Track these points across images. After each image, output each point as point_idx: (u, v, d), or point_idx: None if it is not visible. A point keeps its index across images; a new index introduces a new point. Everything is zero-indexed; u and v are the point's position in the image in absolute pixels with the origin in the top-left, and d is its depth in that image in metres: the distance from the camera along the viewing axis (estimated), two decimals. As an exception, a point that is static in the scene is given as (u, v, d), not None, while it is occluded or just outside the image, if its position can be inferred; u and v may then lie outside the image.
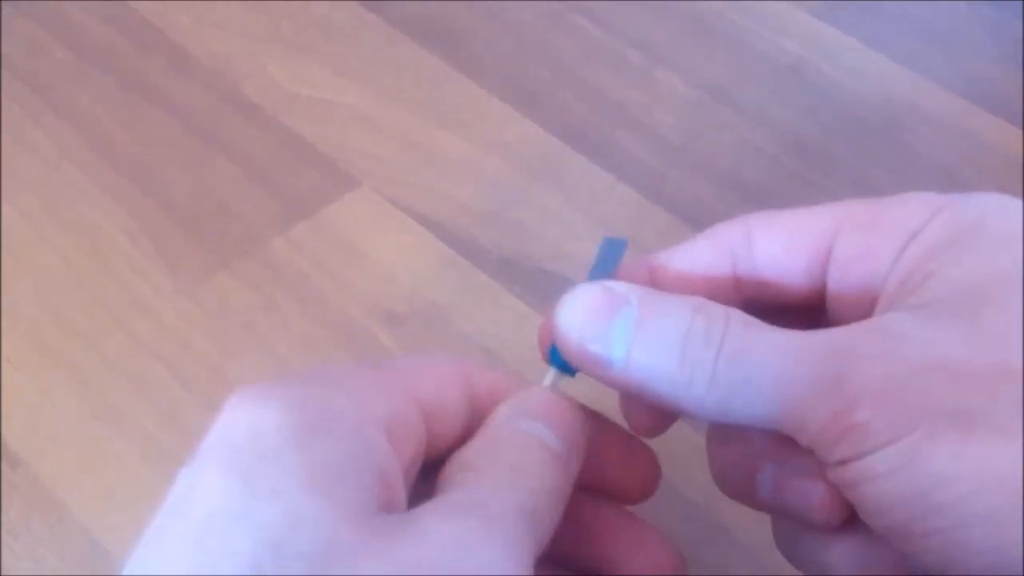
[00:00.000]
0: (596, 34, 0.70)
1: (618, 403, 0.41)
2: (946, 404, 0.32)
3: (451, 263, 0.59)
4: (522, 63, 0.69)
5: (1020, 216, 0.35)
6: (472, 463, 0.34)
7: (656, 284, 0.40)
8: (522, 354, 0.55)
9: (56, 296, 0.57)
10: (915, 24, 0.71)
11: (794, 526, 0.39)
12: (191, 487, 0.31)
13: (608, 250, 0.40)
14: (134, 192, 0.62)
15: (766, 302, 0.40)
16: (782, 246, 0.39)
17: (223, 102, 0.66)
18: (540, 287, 0.58)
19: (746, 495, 0.39)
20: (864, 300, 0.37)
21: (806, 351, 0.34)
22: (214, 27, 0.71)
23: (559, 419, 0.36)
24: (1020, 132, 0.65)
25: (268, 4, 0.72)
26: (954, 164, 0.64)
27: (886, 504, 0.33)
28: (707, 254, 0.40)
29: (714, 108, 0.66)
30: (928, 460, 0.32)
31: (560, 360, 0.38)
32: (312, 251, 0.59)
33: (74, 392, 0.54)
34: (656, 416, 0.40)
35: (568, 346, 0.37)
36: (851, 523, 0.37)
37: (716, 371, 0.34)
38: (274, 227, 0.60)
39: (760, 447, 0.38)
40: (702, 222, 0.58)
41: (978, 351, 0.33)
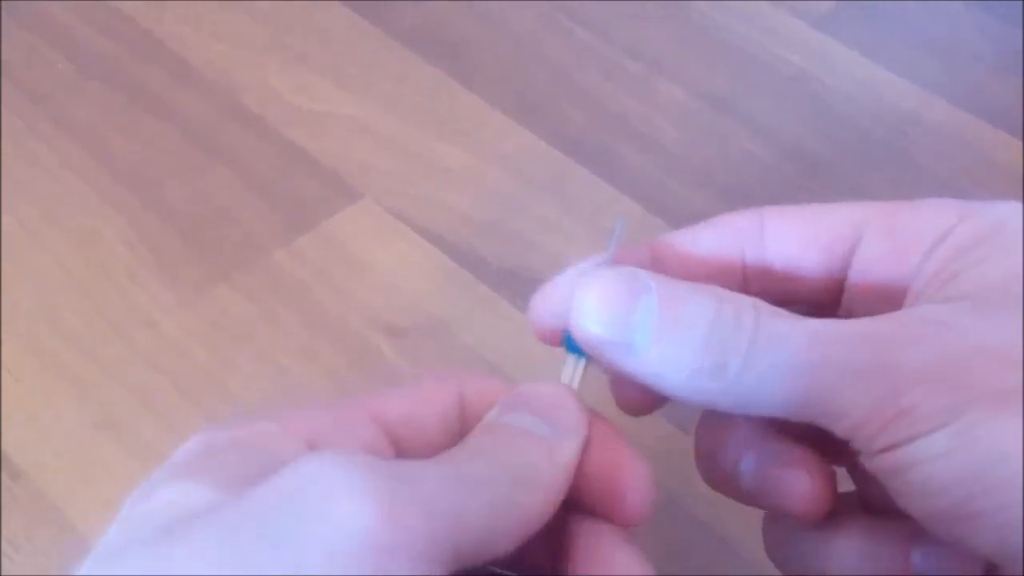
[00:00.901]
0: (597, 45, 0.70)
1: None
2: (996, 385, 0.32)
3: (452, 275, 0.59)
4: (523, 74, 0.69)
5: None
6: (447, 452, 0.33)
7: (657, 265, 0.39)
8: (523, 365, 0.55)
9: (56, 306, 0.57)
10: (916, 36, 0.71)
11: (785, 526, 0.39)
12: None
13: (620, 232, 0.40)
14: (134, 202, 0.62)
15: (774, 293, 0.39)
16: (798, 239, 0.39)
17: (224, 113, 0.66)
18: (541, 298, 0.57)
19: (728, 485, 0.39)
20: (887, 297, 0.37)
21: (847, 337, 0.33)
22: (215, 38, 0.71)
23: (548, 405, 0.35)
24: (1021, 144, 0.65)
25: (269, 15, 0.72)
26: (955, 175, 0.64)
27: (939, 486, 0.32)
28: (713, 240, 0.39)
29: (715, 119, 0.66)
30: (983, 439, 0.31)
31: (574, 344, 0.37)
32: (313, 262, 0.59)
33: (74, 402, 0.54)
34: (647, 395, 0.39)
35: (585, 334, 0.36)
36: (846, 521, 0.37)
37: (749, 356, 0.33)
38: (275, 238, 0.60)
39: (745, 434, 0.38)
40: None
41: (1019, 337, 0.32)
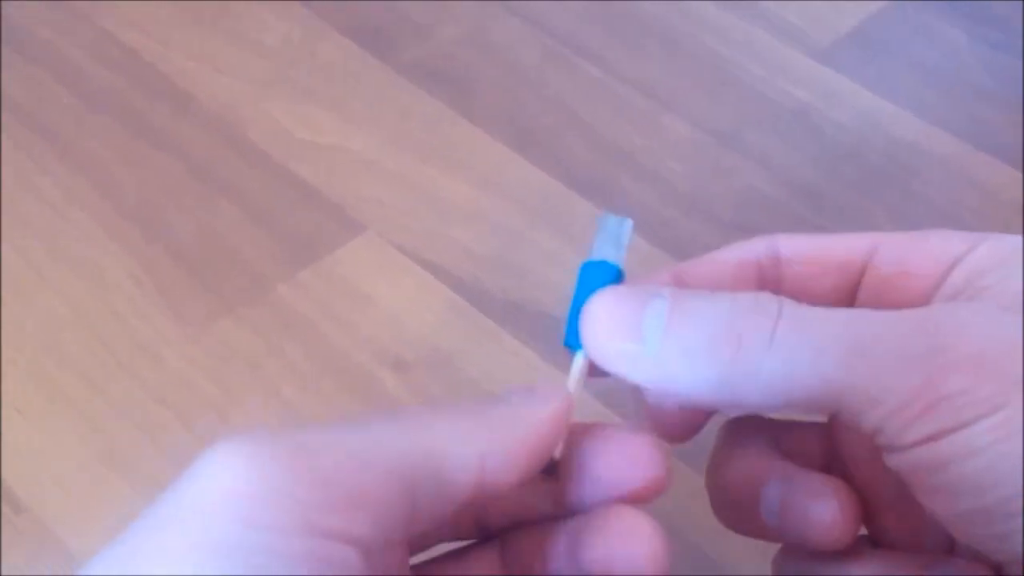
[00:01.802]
0: (601, 79, 0.71)
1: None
2: None
3: (457, 308, 0.59)
4: (527, 108, 0.69)
5: None
6: None
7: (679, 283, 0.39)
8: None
9: (60, 340, 0.57)
10: (920, 69, 0.71)
11: (799, 559, 0.39)
12: None
13: (608, 226, 0.39)
14: (139, 237, 0.62)
15: None
16: (809, 263, 0.39)
17: (228, 147, 0.66)
18: (546, 332, 0.57)
19: (749, 520, 0.38)
20: None
21: (884, 320, 0.33)
22: (220, 72, 0.71)
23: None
24: (1023, 177, 0.65)
25: (273, 50, 0.72)
26: (959, 209, 0.64)
27: (988, 480, 0.31)
28: (732, 265, 0.39)
29: (720, 153, 0.66)
30: None
31: (574, 341, 0.37)
32: (317, 296, 0.59)
33: (78, 436, 0.53)
34: (685, 417, 0.39)
35: (596, 346, 0.35)
36: (861, 553, 0.37)
37: (776, 337, 0.32)
38: (279, 272, 0.60)
39: (765, 464, 0.38)
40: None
41: None
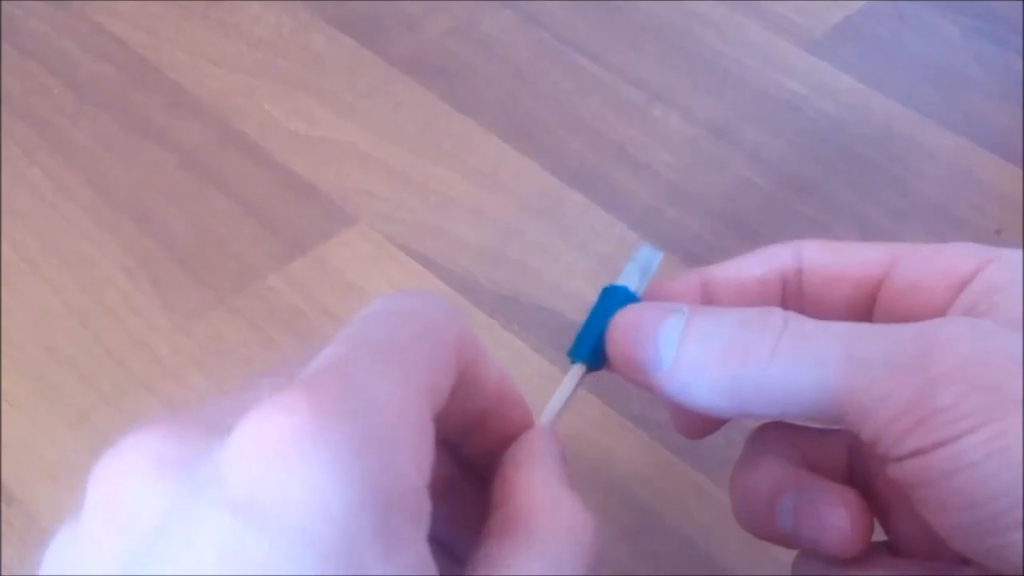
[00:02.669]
0: (594, 72, 0.70)
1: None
2: None
3: (448, 300, 0.59)
4: (520, 100, 0.69)
5: None
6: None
7: (706, 293, 0.40)
8: (521, 392, 0.54)
9: (53, 332, 0.57)
10: (914, 62, 0.71)
11: (817, 563, 0.39)
12: None
13: (642, 258, 0.41)
14: (131, 229, 0.61)
15: None
16: (830, 272, 0.39)
17: (220, 139, 0.66)
18: (538, 325, 0.57)
19: (765, 526, 0.39)
20: None
21: (882, 334, 0.34)
22: (212, 64, 0.71)
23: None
24: (1019, 170, 0.65)
25: (265, 41, 0.72)
26: (952, 202, 0.64)
27: (980, 495, 0.31)
28: (759, 271, 0.40)
29: (713, 145, 0.66)
30: (1021, 446, 0.31)
31: (580, 352, 0.38)
32: (309, 288, 0.59)
33: (71, 429, 0.53)
34: (701, 417, 0.40)
35: (616, 357, 0.37)
36: (876, 561, 0.37)
37: (777, 350, 0.34)
38: (271, 264, 0.60)
39: (783, 473, 0.38)
40: (701, 260, 0.58)
41: None
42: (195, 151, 0.66)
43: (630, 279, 0.40)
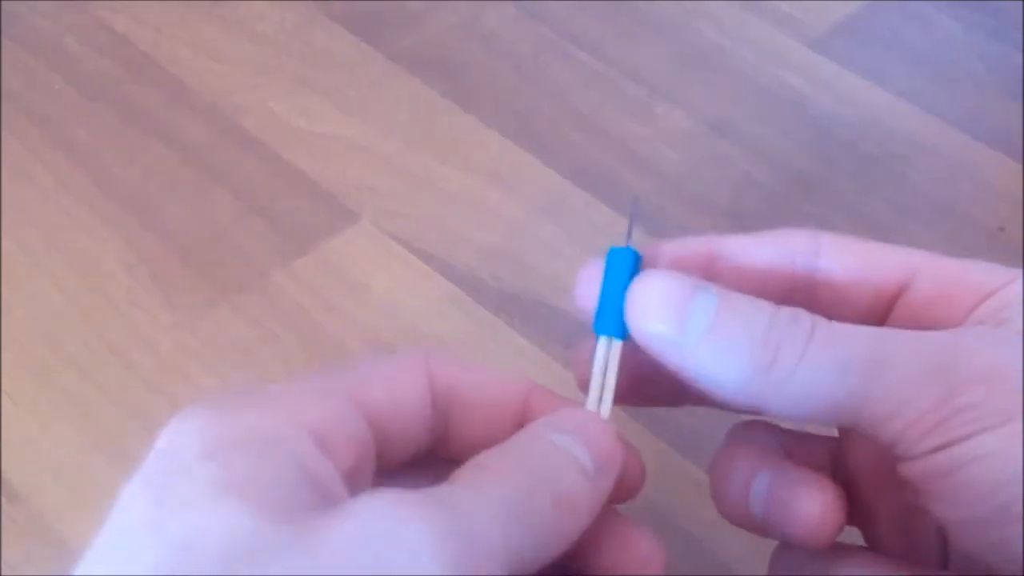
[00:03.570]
0: (596, 68, 0.70)
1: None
2: None
3: (451, 298, 0.59)
4: (522, 96, 0.69)
5: None
6: (484, 462, 0.33)
7: (712, 264, 0.40)
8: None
9: (55, 329, 0.57)
10: (916, 58, 0.71)
11: (795, 558, 0.39)
12: (113, 508, 0.31)
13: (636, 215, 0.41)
14: (133, 225, 0.61)
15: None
16: (850, 271, 0.39)
17: (222, 135, 0.66)
18: (541, 322, 0.57)
19: (740, 508, 0.39)
20: None
21: (908, 339, 0.34)
22: (214, 60, 0.71)
23: (593, 438, 0.35)
24: (1020, 167, 0.65)
25: (268, 38, 0.72)
26: (953, 198, 0.64)
27: (992, 484, 0.32)
28: (770, 255, 0.40)
29: (715, 142, 0.66)
30: None
31: (610, 326, 0.38)
32: (312, 285, 0.59)
33: (73, 425, 0.53)
34: (664, 390, 0.40)
35: (640, 326, 0.37)
36: (858, 551, 0.38)
37: (808, 352, 0.34)
38: (274, 261, 0.60)
39: (762, 456, 0.38)
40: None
41: None
42: (198, 147, 0.66)
43: (634, 239, 0.39)
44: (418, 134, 0.67)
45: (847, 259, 0.40)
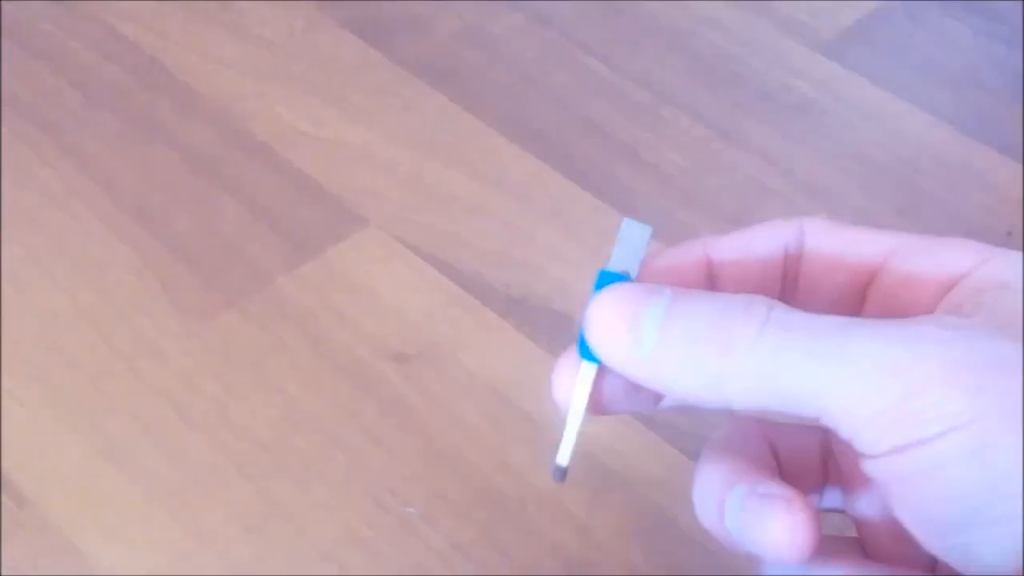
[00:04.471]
0: (602, 73, 0.70)
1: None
2: (1018, 392, 0.31)
3: (458, 302, 0.59)
4: (529, 102, 0.69)
5: None
6: None
7: (712, 269, 0.40)
8: (529, 392, 0.55)
9: (62, 334, 0.57)
10: (923, 63, 0.71)
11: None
12: None
13: (630, 235, 0.40)
14: (140, 231, 0.61)
15: (799, 304, 0.40)
16: (830, 254, 0.39)
17: (230, 141, 0.66)
18: (548, 326, 0.57)
19: (716, 523, 0.38)
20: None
21: (865, 331, 0.33)
22: (221, 66, 0.71)
23: None
24: (1028, 172, 0.65)
25: (274, 43, 0.72)
26: (962, 203, 0.63)
27: (950, 494, 0.32)
28: (764, 247, 0.40)
29: (721, 147, 0.66)
30: (1001, 445, 0.31)
31: (588, 351, 0.37)
32: (319, 290, 0.59)
33: (80, 431, 0.53)
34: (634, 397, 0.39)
35: (595, 339, 0.36)
36: (846, 552, 0.38)
37: (760, 341, 0.33)
38: (281, 266, 0.60)
39: (737, 469, 0.38)
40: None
41: None
42: (204, 153, 0.66)
43: (621, 261, 0.38)
44: (425, 140, 0.67)
45: (827, 242, 0.39)
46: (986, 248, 0.38)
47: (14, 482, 0.51)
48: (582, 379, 0.38)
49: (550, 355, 0.56)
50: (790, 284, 0.40)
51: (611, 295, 0.36)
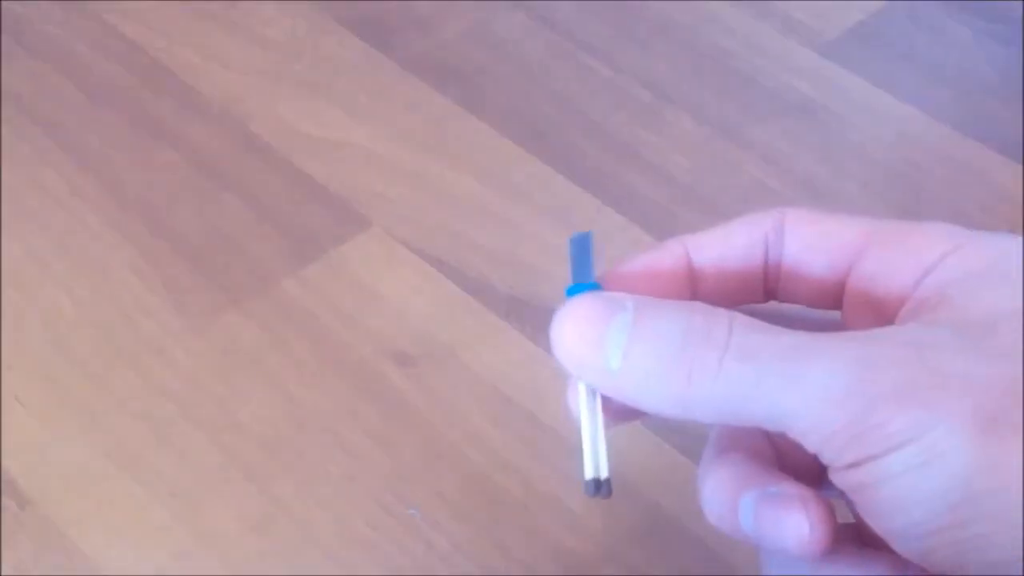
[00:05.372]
0: (606, 74, 0.70)
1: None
2: (966, 407, 0.32)
3: (462, 303, 0.59)
4: (532, 103, 0.69)
5: None
6: None
7: (693, 267, 0.40)
8: (533, 393, 0.55)
9: (65, 335, 0.57)
10: (924, 64, 0.71)
11: (782, 557, 0.39)
12: None
13: (578, 248, 0.40)
14: (143, 231, 0.62)
15: (783, 292, 0.41)
16: (808, 242, 0.40)
17: (233, 141, 0.66)
18: (550, 327, 0.57)
19: (731, 523, 0.39)
20: (879, 312, 0.38)
21: (821, 353, 0.34)
22: (224, 66, 0.71)
23: None
24: (1030, 172, 0.65)
25: (278, 44, 0.72)
26: (963, 204, 0.63)
27: (902, 504, 0.33)
28: (744, 241, 0.40)
29: (724, 147, 0.66)
30: (947, 457, 0.32)
31: None
32: (322, 291, 0.59)
33: (83, 431, 0.53)
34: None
35: (563, 357, 0.37)
36: (847, 545, 0.37)
37: (722, 368, 0.34)
38: (284, 267, 0.60)
39: (747, 471, 0.38)
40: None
41: (995, 364, 0.33)
42: (207, 153, 0.66)
43: (580, 275, 0.39)
44: (428, 140, 0.67)
45: (806, 231, 0.40)
46: (960, 233, 0.38)
47: (16, 482, 0.52)
48: (584, 389, 0.38)
49: (553, 356, 0.56)
50: (772, 275, 0.40)
51: (574, 312, 0.37)
